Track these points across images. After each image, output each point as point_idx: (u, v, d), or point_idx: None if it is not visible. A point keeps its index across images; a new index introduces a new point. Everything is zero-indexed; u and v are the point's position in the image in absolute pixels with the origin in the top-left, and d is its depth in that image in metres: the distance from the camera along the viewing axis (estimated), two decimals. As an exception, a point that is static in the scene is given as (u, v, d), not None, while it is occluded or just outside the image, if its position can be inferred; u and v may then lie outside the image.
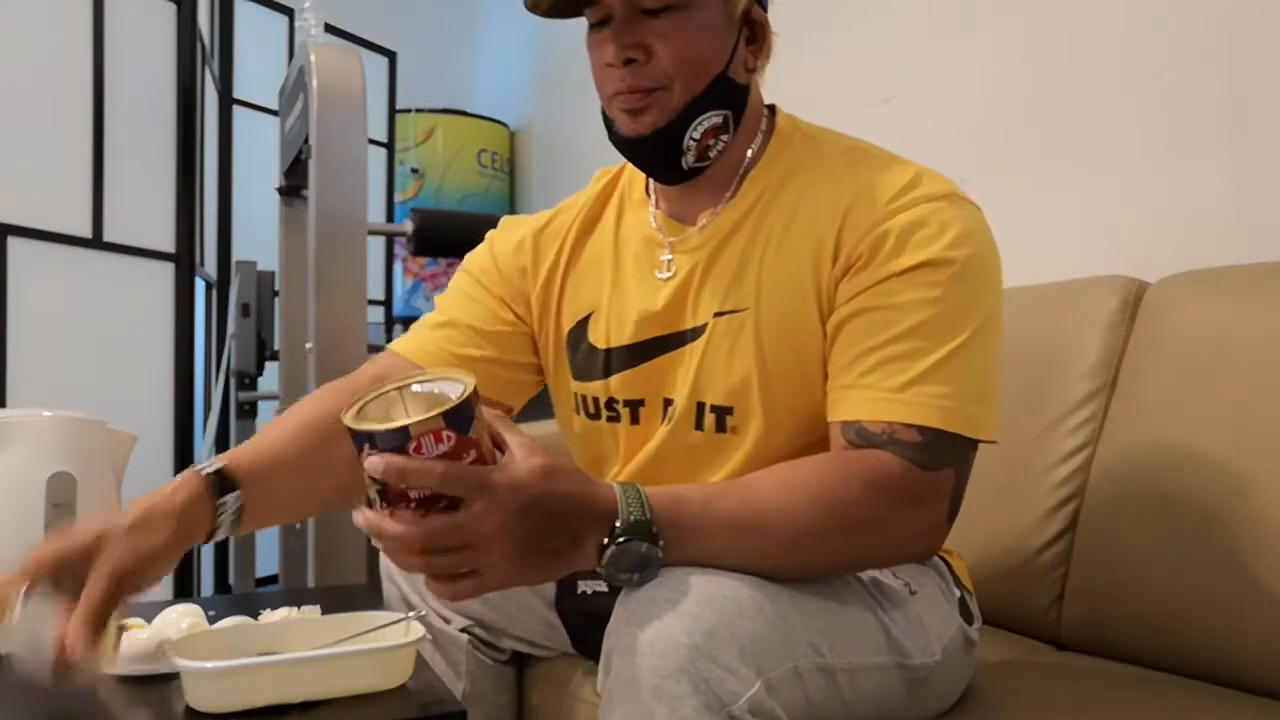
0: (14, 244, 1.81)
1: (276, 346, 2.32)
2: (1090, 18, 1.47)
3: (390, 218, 3.27)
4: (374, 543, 0.69)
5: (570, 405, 1.02)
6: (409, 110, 3.31)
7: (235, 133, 2.78)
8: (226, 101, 2.76)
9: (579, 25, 0.94)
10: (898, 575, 0.87)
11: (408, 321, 3.26)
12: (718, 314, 0.89)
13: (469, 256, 1.08)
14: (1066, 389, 1.18)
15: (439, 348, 1.00)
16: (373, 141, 3.09)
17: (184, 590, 2.21)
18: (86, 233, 1.98)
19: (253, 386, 2.41)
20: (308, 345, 1.72)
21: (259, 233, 2.65)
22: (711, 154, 0.90)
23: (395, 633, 0.89)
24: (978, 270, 0.82)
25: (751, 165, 0.93)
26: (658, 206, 0.97)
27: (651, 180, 0.98)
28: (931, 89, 1.74)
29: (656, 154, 0.90)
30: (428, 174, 3.33)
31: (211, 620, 0.97)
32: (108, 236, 2.02)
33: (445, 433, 0.66)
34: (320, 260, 1.70)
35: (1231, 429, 0.99)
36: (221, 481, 0.82)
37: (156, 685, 0.87)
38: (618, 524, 0.70)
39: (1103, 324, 1.18)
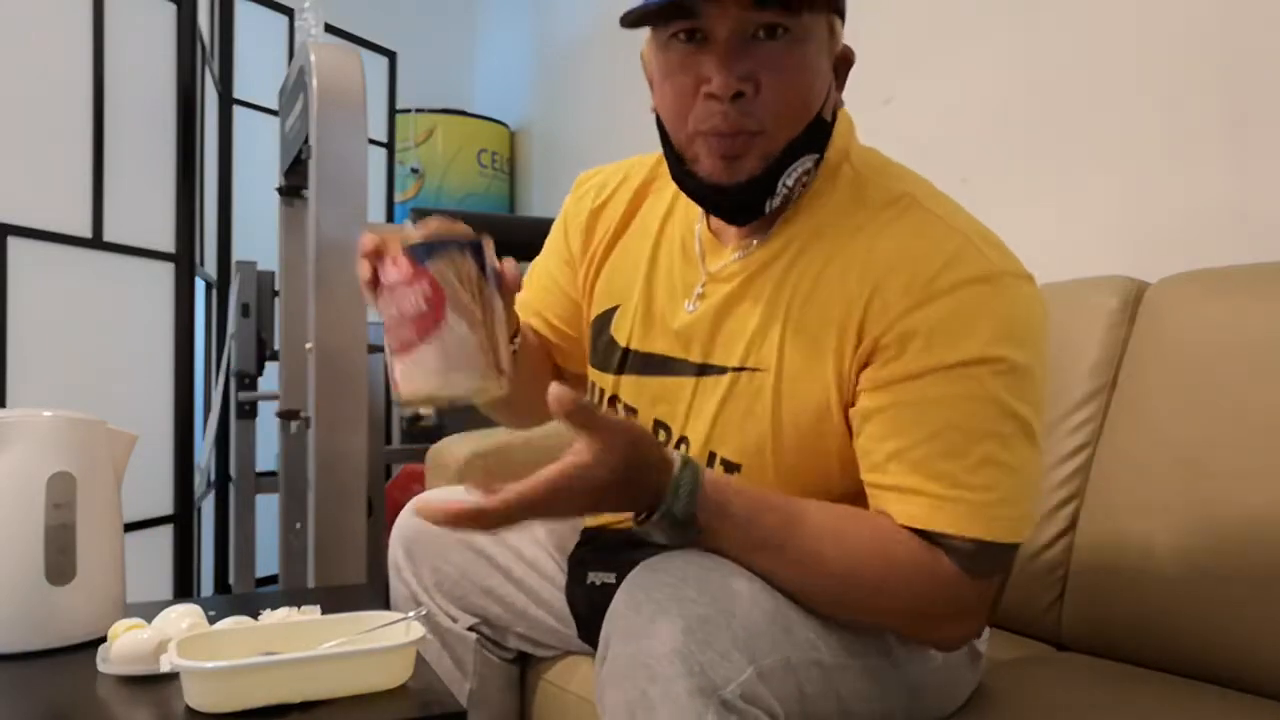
0: (14, 244, 1.81)
1: (276, 346, 2.32)
2: (1090, 19, 1.47)
3: (390, 218, 3.26)
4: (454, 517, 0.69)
5: (586, 390, 1.02)
6: (409, 110, 3.31)
7: (235, 133, 2.78)
8: (226, 101, 2.76)
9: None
10: None
11: (408, 321, 3.25)
12: (738, 369, 0.84)
13: (554, 225, 1.07)
14: (1066, 389, 1.18)
15: (540, 317, 1.05)
16: (373, 141, 3.08)
17: (184, 590, 2.21)
18: (86, 233, 1.98)
19: (253, 386, 2.41)
20: (308, 345, 1.72)
21: (259, 233, 2.65)
22: (793, 198, 0.83)
23: (395, 633, 0.89)
24: (1020, 366, 0.75)
25: (795, 200, 0.84)
26: (707, 218, 0.91)
27: None
28: (931, 90, 1.74)
29: (741, 201, 0.82)
30: (428, 174, 3.32)
31: (211, 620, 0.97)
32: (108, 236, 2.02)
33: (402, 260, 0.70)
34: (320, 260, 1.70)
35: (1231, 429, 0.99)
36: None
37: (156, 685, 0.87)
38: (671, 488, 0.72)
39: (1103, 324, 1.18)
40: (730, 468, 0.86)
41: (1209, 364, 1.04)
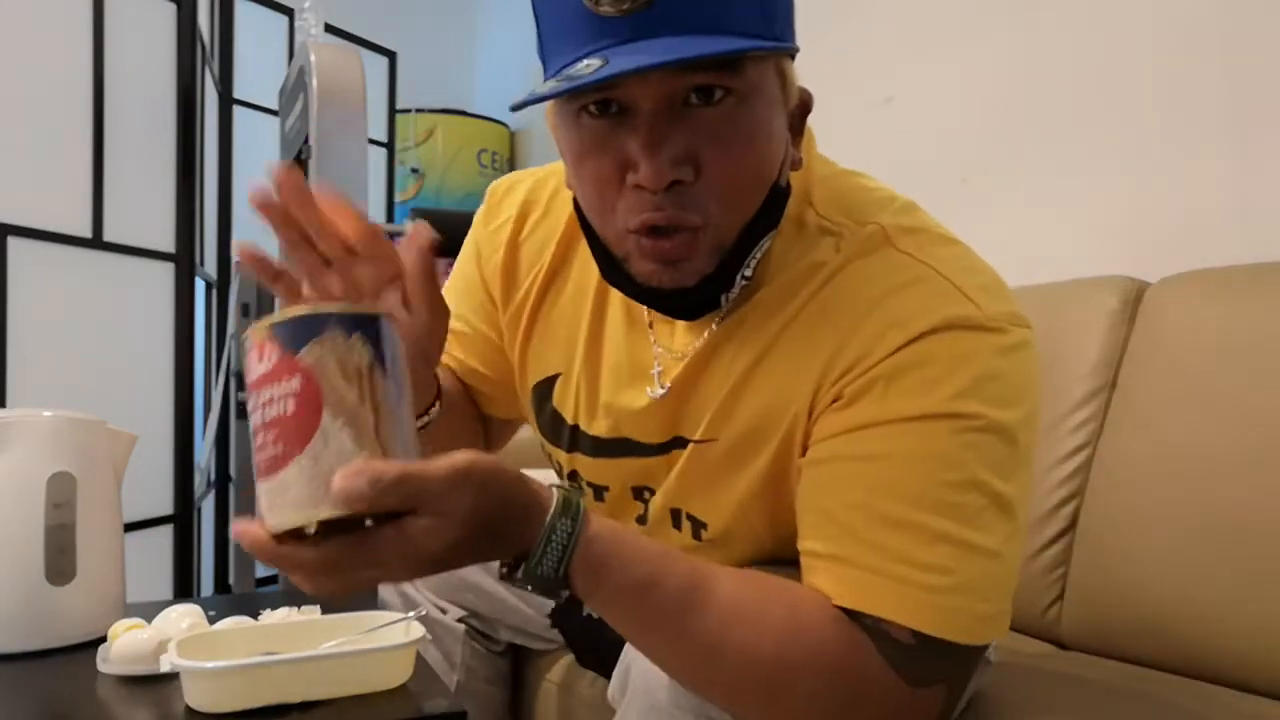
0: (14, 244, 1.81)
1: (276, 346, 2.32)
2: (1091, 19, 1.47)
3: (390, 218, 3.26)
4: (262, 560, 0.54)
5: (539, 450, 0.91)
6: (409, 110, 3.31)
7: (235, 133, 2.78)
8: (226, 101, 2.76)
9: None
10: None
11: (408, 321, 3.25)
12: (697, 441, 0.74)
13: (463, 248, 0.93)
14: (1066, 389, 1.18)
15: (457, 361, 0.92)
16: (373, 141, 3.08)
17: (184, 590, 2.21)
18: (86, 233, 1.98)
19: (253, 386, 2.41)
20: (308, 345, 1.71)
21: (259, 233, 2.64)
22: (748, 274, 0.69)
23: (395, 633, 0.89)
24: (998, 427, 0.62)
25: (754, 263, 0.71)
26: None
27: None
28: (931, 89, 1.74)
29: (690, 304, 0.69)
30: (428, 174, 3.32)
31: (211, 620, 0.97)
32: (108, 236, 2.02)
33: (269, 347, 0.51)
34: (320, 260, 1.69)
35: (1232, 428, 0.99)
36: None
37: (156, 685, 0.87)
38: (537, 544, 0.56)
39: (1103, 324, 1.17)
40: (697, 524, 0.78)
41: (1209, 364, 1.04)
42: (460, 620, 1.07)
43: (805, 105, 0.69)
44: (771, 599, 0.62)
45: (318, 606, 1.05)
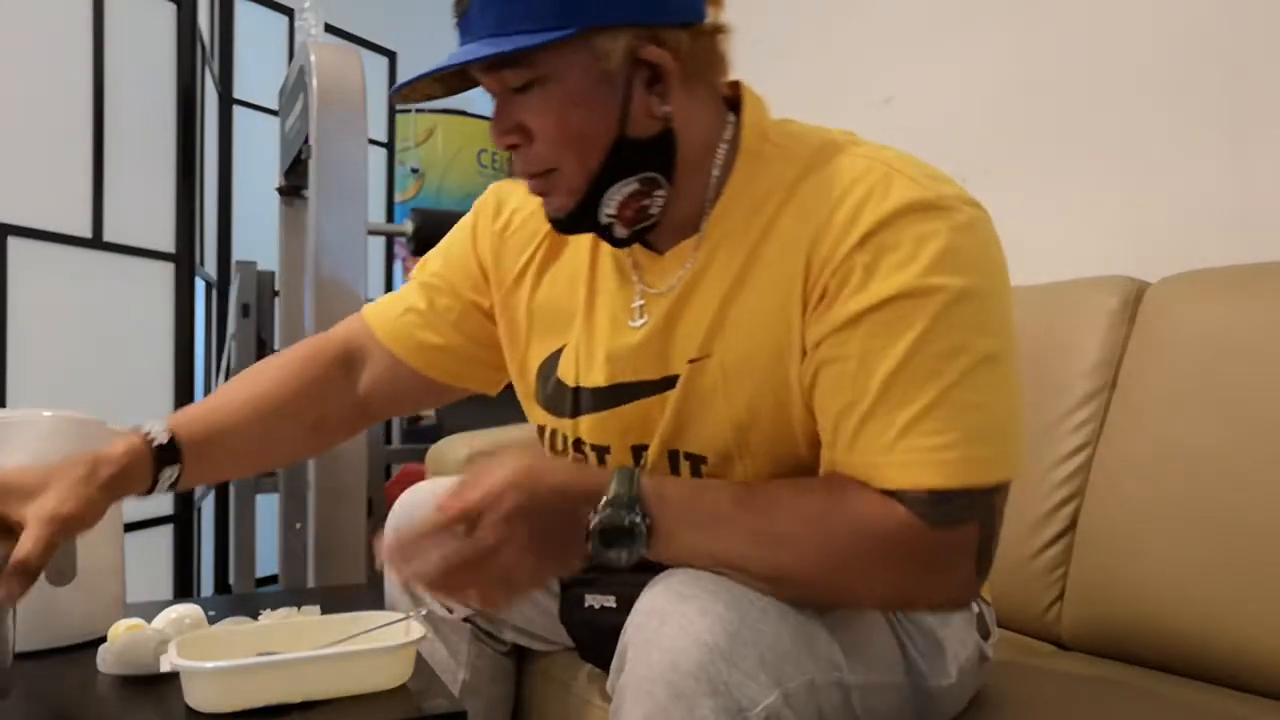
0: (14, 244, 1.81)
1: (276, 346, 2.32)
2: (1090, 18, 1.47)
3: (390, 218, 3.27)
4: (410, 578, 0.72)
5: (540, 434, 0.96)
6: (409, 110, 3.31)
7: (235, 133, 2.78)
8: (226, 101, 2.77)
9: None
10: None
11: (408, 321, 3.25)
12: (691, 360, 0.80)
13: (453, 230, 1.03)
14: (1066, 389, 1.18)
15: (408, 333, 0.99)
16: (373, 141, 3.09)
17: (184, 590, 2.21)
18: (86, 233, 1.98)
19: (253, 386, 2.41)
20: (308, 345, 1.72)
21: (259, 233, 2.65)
22: (652, 212, 0.80)
23: (395, 633, 0.89)
24: (967, 293, 0.70)
25: (717, 195, 0.81)
26: None
27: None
28: (931, 89, 1.74)
29: (583, 230, 0.82)
30: (428, 174, 3.32)
31: (211, 620, 0.97)
32: (108, 236, 2.02)
33: None
34: (320, 260, 1.70)
35: (1232, 428, 0.99)
36: (165, 453, 0.86)
37: (156, 685, 0.87)
38: (604, 497, 0.70)
39: (1103, 324, 1.17)
40: (695, 460, 0.83)
41: (1209, 364, 1.04)
42: (466, 620, 1.07)
43: (649, 64, 0.76)
44: (811, 484, 0.75)
45: (318, 606, 1.05)
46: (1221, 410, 1.01)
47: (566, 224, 0.81)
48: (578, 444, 0.89)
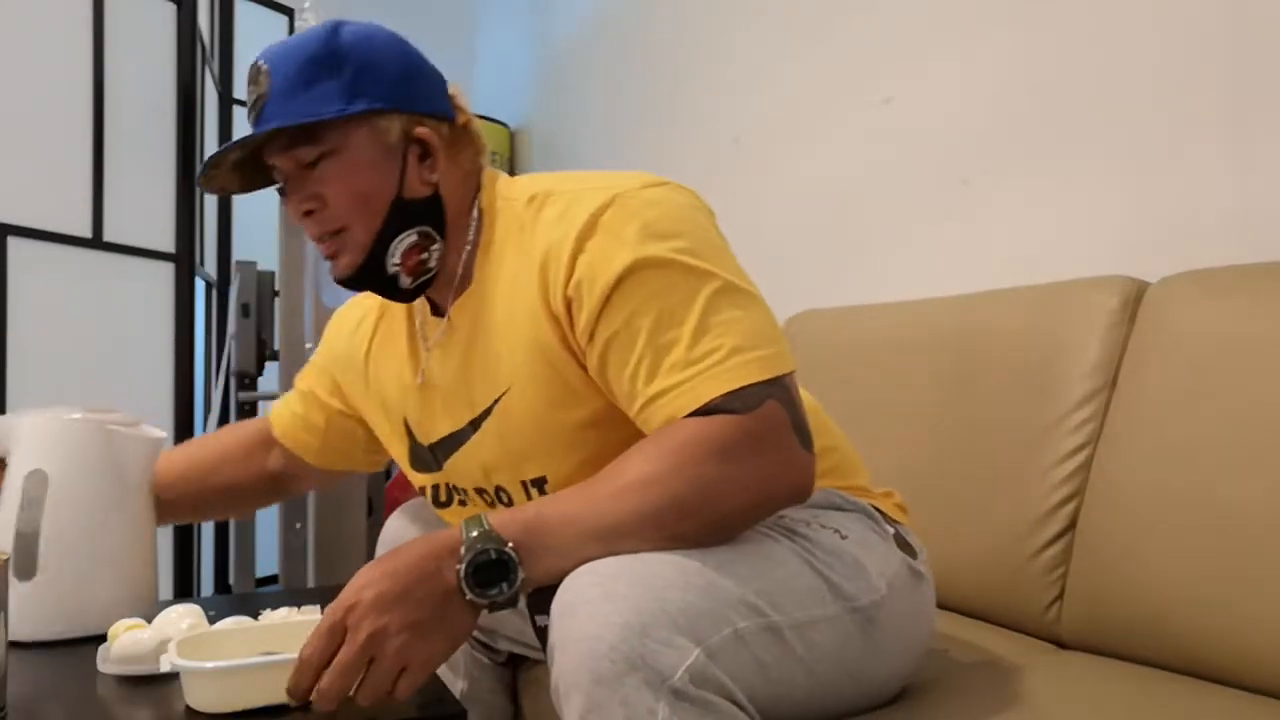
0: (14, 244, 1.81)
1: (276, 346, 2.32)
2: (1090, 18, 1.47)
3: (390, 218, 3.26)
4: (316, 705, 0.74)
5: (424, 494, 1.07)
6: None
7: (235, 133, 2.78)
8: (226, 101, 2.77)
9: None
10: (823, 525, 0.88)
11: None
12: (495, 400, 0.92)
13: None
14: (1066, 389, 1.18)
15: (292, 414, 1.17)
16: (373, 141, 3.07)
17: (184, 590, 2.21)
18: (86, 233, 1.98)
19: (253, 386, 2.41)
20: (308, 345, 1.72)
21: (259, 233, 2.65)
22: (430, 265, 0.94)
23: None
24: (682, 250, 0.83)
25: (473, 253, 0.95)
26: (430, 301, 1.00)
27: None
28: (931, 89, 1.74)
29: (372, 286, 0.94)
30: (428, 174, 3.32)
31: (211, 620, 0.97)
32: (108, 236, 2.02)
33: None
34: (320, 260, 1.70)
35: (1232, 428, 0.99)
36: None
37: (156, 685, 0.87)
38: (462, 546, 0.74)
39: (1103, 324, 1.17)
40: (539, 483, 0.92)
41: (1209, 364, 1.04)
42: None
43: (420, 141, 0.93)
44: (634, 449, 0.80)
45: (318, 606, 1.05)
46: (1221, 410, 1.01)
47: (355, 279, 0.93)
48: (451, 490, 1.01)
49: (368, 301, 1.11)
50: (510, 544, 0.74)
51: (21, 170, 1.84)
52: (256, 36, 2.89)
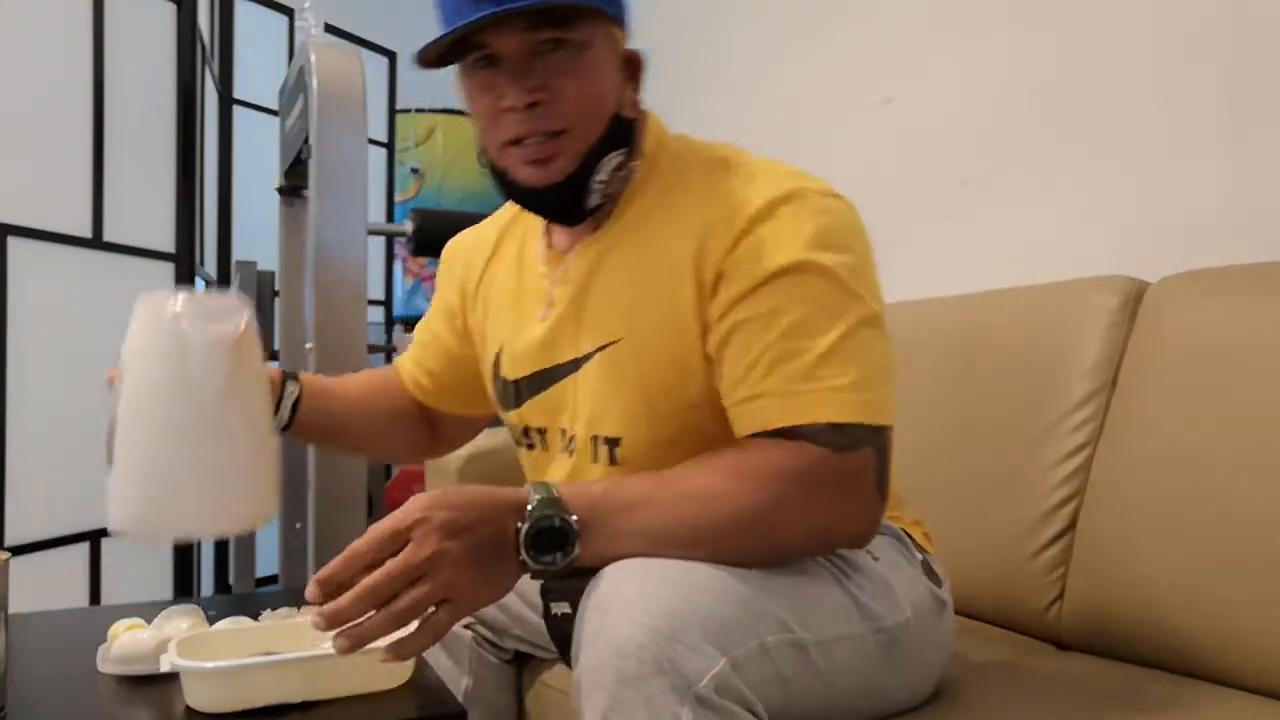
0: (14, 244, 1.81)
1: (276, 346, 2.32)
2: (1090, 18, 1.47)
3: (390, 218, 3.26)
4: (336, 644, 0.71)
5: (509, 434, 1.06)
6: (409, 110, 3.31)
7: (235, 133, 2.78)
8: (226, 101, 2.77)
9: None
10: None
11: (408, 322, 3.26)
12: (600, 347, 0.89)
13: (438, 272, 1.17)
14: (1066, 389, 1.18)
15: (415, 363, 1.16)
16: (373, 141, 3.09)
17: (184, 590, 2.21)
18: (86, 233, 1.98)
19: (253, 386, 2.41)
20: (307, 345, 1.72)
21: (259, 233, 2.65)
22: (611, 192, 0.90)
23: (396, 633, 0.89)
24: (842, 265, 0.81)
25: (621, 193, 0.91)
26: (549, 235, 0.98)
27: None
28: (931, 89, 1.74)
29: (563, 200, 0.89)
30: (428, 174, 3.32)
31: (211, 620, 0.97)
32: (108, 236, 2.02)
33: None
34: (320, 260, 1.70)
35: (1232, 428, 0.99)
36: (287, 376, 1.04)
37: (156, 685, 0.87)
38: (529, 505, 0.73)
39: (1103, 324, 1.17)
40: (612, 443, 0.90)
41: (1209, 364, 1.04)
42: (468, 628, 1.08)
43: (634, 60, 0.90)
44: (714, 451, 0.81)
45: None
46: (1221, 410, 1.01)
47: (559, 189, 0.87)
48: (526, 431, 1.01)
49: (481, 230, 1.09)
50: (575, 516, 0.74)
51: (21, 170, 1.84)
52: (256, 36, 2.89)
